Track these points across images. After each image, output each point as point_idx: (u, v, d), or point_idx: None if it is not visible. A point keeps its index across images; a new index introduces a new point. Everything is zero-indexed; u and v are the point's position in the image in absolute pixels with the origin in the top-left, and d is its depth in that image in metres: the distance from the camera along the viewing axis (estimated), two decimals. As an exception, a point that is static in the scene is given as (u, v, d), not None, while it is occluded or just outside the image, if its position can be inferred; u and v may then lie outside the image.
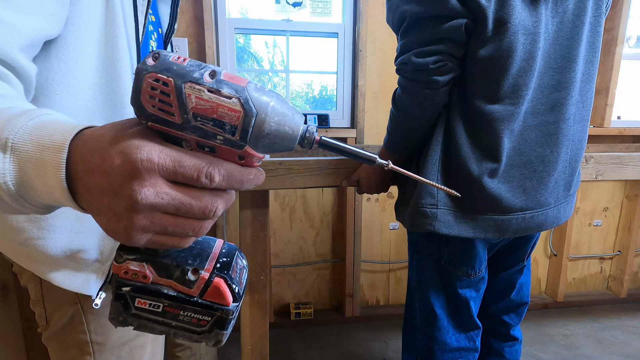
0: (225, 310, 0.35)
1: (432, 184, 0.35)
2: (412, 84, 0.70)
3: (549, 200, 0.76)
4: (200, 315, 0.35)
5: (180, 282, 0.34)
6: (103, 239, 0.57)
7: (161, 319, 0.36)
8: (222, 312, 0.35)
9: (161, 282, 0.35)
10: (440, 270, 0.85)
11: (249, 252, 0.97)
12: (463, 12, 0.63)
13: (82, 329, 0.61)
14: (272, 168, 0.90)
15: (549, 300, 2.08)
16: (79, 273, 0.57)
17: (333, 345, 1.71)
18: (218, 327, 0.36)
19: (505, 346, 1.01)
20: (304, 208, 1.85)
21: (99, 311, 0.61)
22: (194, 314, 0.35)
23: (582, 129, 0.78)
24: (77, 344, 0.62)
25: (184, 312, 0.35)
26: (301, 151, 1.44)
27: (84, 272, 0.57)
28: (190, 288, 0.34)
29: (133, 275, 0.34)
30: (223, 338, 0.37)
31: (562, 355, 1.64)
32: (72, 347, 0.63)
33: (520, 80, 0.68)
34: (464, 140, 0.72)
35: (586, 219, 2.09)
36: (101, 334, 0.62)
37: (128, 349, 0.65)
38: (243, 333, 1.01)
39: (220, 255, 0.37)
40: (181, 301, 0.35)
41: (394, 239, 1.95)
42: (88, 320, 0.61)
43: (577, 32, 0.70)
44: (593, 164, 1.01)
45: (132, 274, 0.34)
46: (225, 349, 1.61)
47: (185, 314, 0.35)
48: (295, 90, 1.98)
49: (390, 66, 1.77)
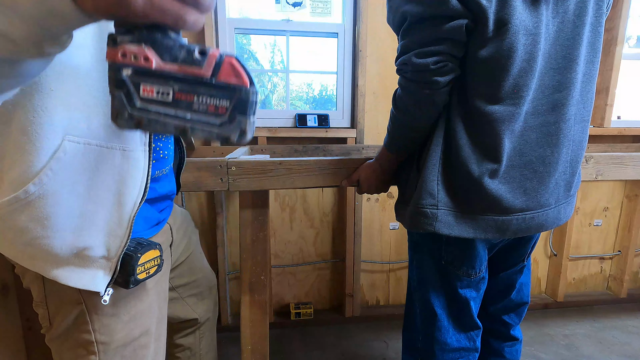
0: (244, 90, 0.32)
1: None
2: (413, 84, 0.70)
3: (549, 200, 0.76)
4: (218, 100, 0.32)
5: (188, 64, 0.31)
6: (109, 236, 0.57)
7: (173, 111, 0.31)
8: (241, 92, 0.32)
9: (166, 68, 0.31)
10: (441, 270, 0.85)
11: (249, 252, 0.97)
12: (464, 12, 0.63)
13: (87, 328, 0.61)
14: (272, 168, 0.90)
15: (549, 300, 2.08)
16: (86, 270, 0.57)
17: (333, 345, 1.71)
18: (239, 112, 0.32)
19: (505, 346, 1.01)
20: (304, 208, 1.85)
21: (103, 311, 0.62)
22: (210, 99, 0.31)
23: (582, 130, 0.78)
24: (82, 344, 0.62)
25: (199, 97, 0.31)
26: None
27: (90, 269, 0.57)
28: (201, 67, 0.31)
29: (133, 58, 0.30)
30: (247, 127, 0.33)
31: (562, 355, 1.64)
32: (77, 347, 0.63)
33: (521, 81, 0.68)
34: (464, 140, 0.72)
35: (586, 219, 2.09)
36: (106, 333, 0.62)
37: (132, 348, 0.65)
38: (243, 333, 1.01)
39: None
40: (193, 83, 0.31)
41: (394, 239, 1.95)
42: (93, 320, 0.61)
43: (578, 33, 0.70)
44: (593, 164, 1.02)
45: (131, 56, 0.30)
46: (225, 349, 1.61)
47: (201, 100, 0.31)
48: (295, 90, 1.98)
49: (390, 66, 1.77)
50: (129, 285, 0.59)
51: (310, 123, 1.76)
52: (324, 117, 1.77)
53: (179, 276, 0.95)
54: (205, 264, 1.05)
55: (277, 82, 1.97)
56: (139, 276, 0.60)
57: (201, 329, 1.03)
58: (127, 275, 0.59)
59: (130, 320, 0.65)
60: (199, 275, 1.00)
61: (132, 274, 0.59)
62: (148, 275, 0.62)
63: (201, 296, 1.01)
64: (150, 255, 0.62)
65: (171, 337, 1.04)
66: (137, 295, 0.66)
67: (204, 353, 1.05)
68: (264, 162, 0.90)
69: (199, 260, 1.02)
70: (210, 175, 0.89)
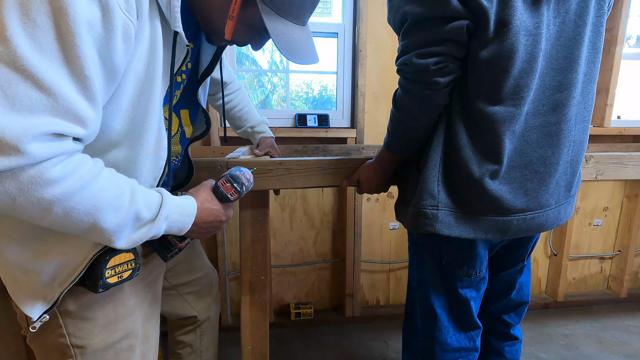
0: None
1: None
2: (413, 84, 0.70)
3: (550, 201, 0.76)
4: None
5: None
6: (60, 268, 0.57)
7: None
8: None
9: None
10: (441, 270, 0.85)
11: (249, 252, 0.97)
12: (465, 13, 0.63)
13: (61, 332, 0.61)
14: (272, 168, 0.90)
15: (549, 300, 2.08)
16: (28, 291, 0.57)
17: (333, 345, 1.71)
18: None
19: (505, 345, 1.01)
20: (304, 208, 1.85)
21: (77, 315, 0.61)
22: None
23: (583, 130, 0.77)
24: (58, 347, 0.62)
25: None
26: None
27: (33, 292, 0.57)
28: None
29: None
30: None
31: (562, 355, 1.65)
32: (53, 350, 0.62)
33: (522, 82, 0.67)
34: (465, 141, 0.72)
35: (586, 219, 2.09)
36: (81, 337, 0.62)
37: (114, 352, 0.65)
38: (243, 333, 1.01)
39: None
40: None
41: (394, 239, 1.95)
42: (66, 324, 0.61)
43: (579, 33, 0.69)
44: (593, 163, 1.01)
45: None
46: (225, 349, 1.61)
47: None
48: (295, 90, 1.99)
49: (390, 66, 1.76)
50: (98, 290, 0.58)
51: (310, 123, 1.76)
52: (324, 117, 1.77)
53: (178, 275, 0.95)
54: (206, 263, 1.05)
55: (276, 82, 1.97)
56: (109, 280, 0.59)
57: (202, 327, 1.03)
58: (95, 279, 0.58)
59: (109, 324, 0.64)
60: (199, 274, 1.00)
61: (101, 277, 0.57)
62: (121, 280, 0.61)
63: (200, 294, 1.01)
64: (122, 258, 0.60)
65: (172, 333, 1.04)
66: (116, 298, 0.65)
67: (204, 350, 1.05)
68: (264, 162, 0.90)
69: (199, 260, 1.02)
70: (210, 175, 0.89)
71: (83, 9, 0.43)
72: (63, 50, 0.43)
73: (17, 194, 0.43)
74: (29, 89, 0.41)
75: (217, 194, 0.70)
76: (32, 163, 0.42)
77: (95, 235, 0.52)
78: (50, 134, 0.43)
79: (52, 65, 0.42)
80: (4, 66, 0.40)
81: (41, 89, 0.42)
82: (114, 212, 0.51)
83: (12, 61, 0.40)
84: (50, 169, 0.44)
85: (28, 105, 0.41)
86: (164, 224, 0.59)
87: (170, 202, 0.60)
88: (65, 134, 0.45)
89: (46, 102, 0.42)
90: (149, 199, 0.57)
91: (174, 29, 0.57)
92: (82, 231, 0.51)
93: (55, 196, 0.45)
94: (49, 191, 0.44)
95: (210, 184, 0.72)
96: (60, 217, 0.47)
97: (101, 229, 0.51)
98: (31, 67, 0.41)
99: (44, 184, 0.43)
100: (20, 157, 0.41)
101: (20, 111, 0.41)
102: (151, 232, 0.57)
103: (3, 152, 0.40)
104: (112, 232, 0.52)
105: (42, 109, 0.42)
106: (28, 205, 0.44)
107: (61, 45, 0.43)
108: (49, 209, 0.45)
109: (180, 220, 0.62)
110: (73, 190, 0.46)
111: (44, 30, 0.41)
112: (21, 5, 0.40)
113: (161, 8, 0.56)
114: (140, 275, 0.68)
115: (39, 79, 0.41)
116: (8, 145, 0.40)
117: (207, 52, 0.78)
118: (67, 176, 0.45)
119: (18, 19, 0.40)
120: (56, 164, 0.44)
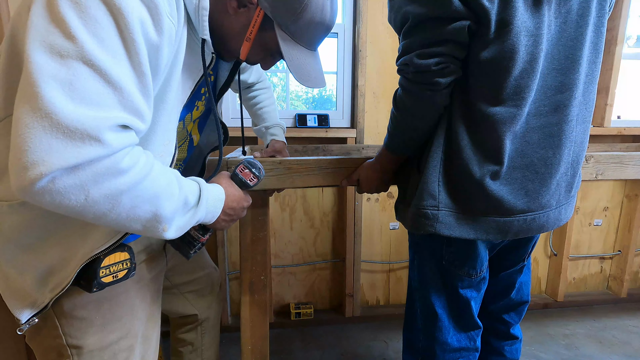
0: None
1: None
2: (414, 85, 0.69)
3: (550, 202, 0.76)
4: None
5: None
6: (55, 269, 0.57)
7: None
8: None
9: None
10: (442, 270, 0.85)
11: (248, 252, 0.97)
12: (466, 14, 0.62)
13: (57, 333, 0.61)
14: (272, 167, 0.90)
15: (549, 300, 2.08)
16: (19, 293, 0.57)
17: (333, 345, 1.71)
18: None
19: (505, 345, 1.01)
20: (304, 208, 1.85)
21: (72, 315, 0.61)
22: None
23: (584, 131, 0.77)
24: (55, 347, 0.62)
25: None
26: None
27: (23, 295, 0.57)
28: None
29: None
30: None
31: (562, 355, 1.65)
32: (50, 350, 0.63)
33: (523, 82, 0.67)
34: (465, 142, 0.72)
35: (586, 219, 2.09)
36: (77, 337, 0.62)
37: (111, 352, 0.65)
38: (243, 333, 1.01)
39: None
40: None
41: (394, 239, 1.95)
42: (62, 324, 0.61)
43: (580, 33, 0.69)
44: (593, 163, 1.01)
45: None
46: (225, 349, 1.61)
47: None
48: (295, 90, 1.98)
49: (390, 66, 1.76)
50: (92, 289, 0.58)
51: (310, 123, 1.75)
52: (324, 117, 1.77)
53: (179, 274, 0.95)
54: (208, 262, 1.05)
55: (276, 82, 1.97)
56: (104, 279, 0.58)
57: (203, 325, 1.03)
58: (89, 278, 0.58)
59: (106, 324, 0.64)
60: (200, 274, 1.00)
61: (95, 277, 0.57)
62: (116, 279, 0.61)
63: (201, 293, 1.01)
64: (117, 258, 0.60)
65: (174, 331, 1.05)
66: (113, 298, 0.65)
67: (205, 349, 1.05)
68: (264, 161, 0.90)
69: (200, 259, 1.02)
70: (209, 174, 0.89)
71: (135, 9, 0.44)
72: (125, 47, 0.45)
73: (91, 186, 0.43)
74: (98, 83, 0.43)
75: (236, 181, 0.73)
76: (110, 153, 0.43)
77: (153, 225, 0.53)
78: (120, 125, 0.44)
79: (116, 61, 0.44)
80: (74, 61, 0.41)
81: (109, 83, 0.43)
82: (169, 198, 0.53)
83: (82, 56, 0.41)
84: (122, 159, 0.45)
85: (98, 99, 0.43)
86: (204, 209, 0.62)
87: (206, 187, 0.63)
88: (131, 126, 0.46)
89: (113, 95, 0.44)
90: (191, 185, 0.60)
91: (202, 36, 0.59)
92: (143, 223, 0.51)
93: (125, 185, 0.46)
94: (121, 180, 0.46)
95: (227, 173, 0.75)
96: (126, 209, 0.48)
97: (160, 216, 0.52)
98: (99, 62, 0.42)
99: (117, 173, 0.45)
100: (100, 147, 0.42)
101: (92, 104, 0.42)
102: (195, 219, 0.60)
103: (84, 143, 0.41)
104: (168, 219, 0.54)
105: (110, 102, 0.44)
106: (100, 198, 0.45)
107: (122, 42, 0.44)
108: (118, 200, 0.46)
109: (214, 205, 0.65)
110: (138, 179, 0.48)
111: (105, 27, 0.43)
112: (76, 4, 0.42)
113: (189, 15, 0.58)
114: (139, 275, 0.68)
115: (106, 73, 0.43)
116: (90, 136, 0.41)
117: (224, 67, 0.80)
118: (133, 166, 0.47)
119: (77, 17, 0.42)
120: (125, 155, 0.46)
